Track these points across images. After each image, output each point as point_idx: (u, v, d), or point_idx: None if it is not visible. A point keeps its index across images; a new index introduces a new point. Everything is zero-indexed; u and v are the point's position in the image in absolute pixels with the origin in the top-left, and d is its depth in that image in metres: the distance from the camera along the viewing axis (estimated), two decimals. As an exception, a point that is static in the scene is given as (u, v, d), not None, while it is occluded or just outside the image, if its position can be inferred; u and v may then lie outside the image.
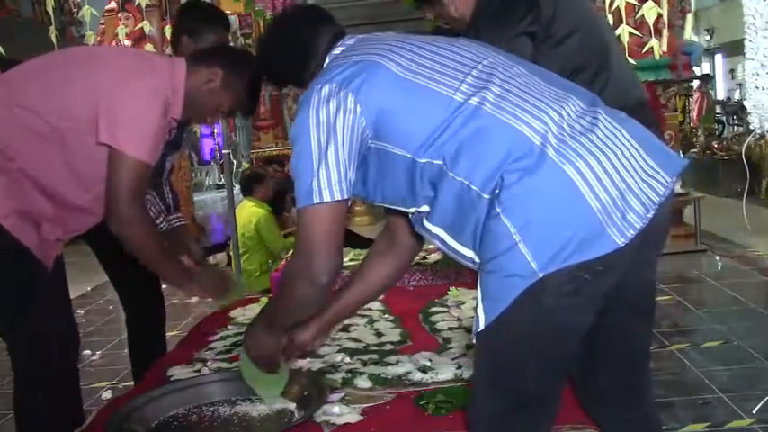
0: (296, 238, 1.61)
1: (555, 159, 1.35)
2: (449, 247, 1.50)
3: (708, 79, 12.59)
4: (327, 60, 1.66)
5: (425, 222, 1.52)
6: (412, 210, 1.54)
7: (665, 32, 5.55)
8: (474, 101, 1.43)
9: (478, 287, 1.40)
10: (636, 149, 1.42)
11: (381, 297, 2.90)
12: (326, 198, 1.49)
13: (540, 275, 1.32)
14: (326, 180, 1.49)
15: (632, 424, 1.66)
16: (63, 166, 2.12)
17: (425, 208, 1.50)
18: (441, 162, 1.43)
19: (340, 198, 1.50)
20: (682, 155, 5.94)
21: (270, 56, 1.78)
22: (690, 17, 6.24)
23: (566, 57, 2.21)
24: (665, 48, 5.61)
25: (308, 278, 1.56)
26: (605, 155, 1.38)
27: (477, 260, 1.45)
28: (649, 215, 1.36)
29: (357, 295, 1.87)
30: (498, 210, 1.35)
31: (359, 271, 1.87)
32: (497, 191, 1.36)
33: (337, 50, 1.66)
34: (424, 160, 1.45)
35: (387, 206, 1.61)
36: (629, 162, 1.40)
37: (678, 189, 5.57)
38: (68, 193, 2.13)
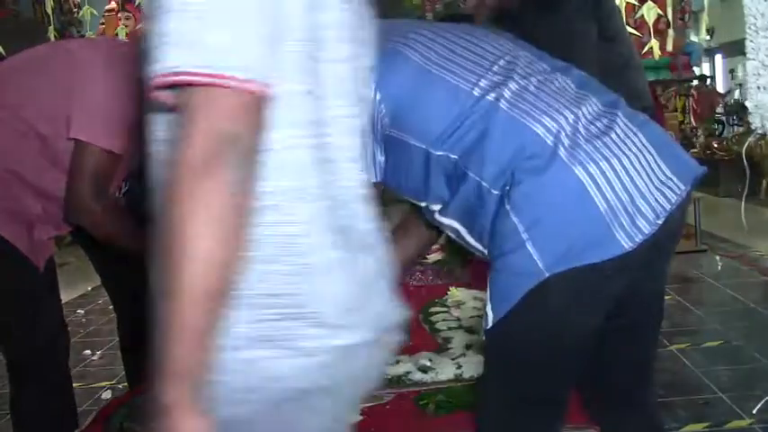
0: None
1: (565, 160, 1.35)
2: (464, 239, 1.50)
3: (705, 80, 12.54)
4: None
5: (438, 216, 1.52)
6: (423, 204, 1.55)
7: (670, 32, 5.54)
8: (491, 96, 1.42)
9: (488, 285, 1.41)
10: (651, 154, 1.41)
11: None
12: None
13: (547, 275, 1.32)
14: None
15: (635, 426, 1.65)
16: (48, 163, 2.10)
17: (436, 206, 1.50)
18: (456, 157, 1.42)
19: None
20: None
21: None
22: (704, 17, 6.20)
23: (618, 51, 2.27)
24: (669, 48, 5.60)
25: None
26: (618, 158, 1.37)
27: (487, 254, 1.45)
28: (659, 221, 1.35)
29: None
30: (508, 207, 1.35)
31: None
32: (508, 188, 1.36)
33: None
34: (439, 153, 1.44)
35: (401, 196, 1.60)
36: (643, 167, 1.39)
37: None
38: (58, 191, 2.12)
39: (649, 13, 5.16)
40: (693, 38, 9.51)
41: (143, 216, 3.00)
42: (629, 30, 4.85)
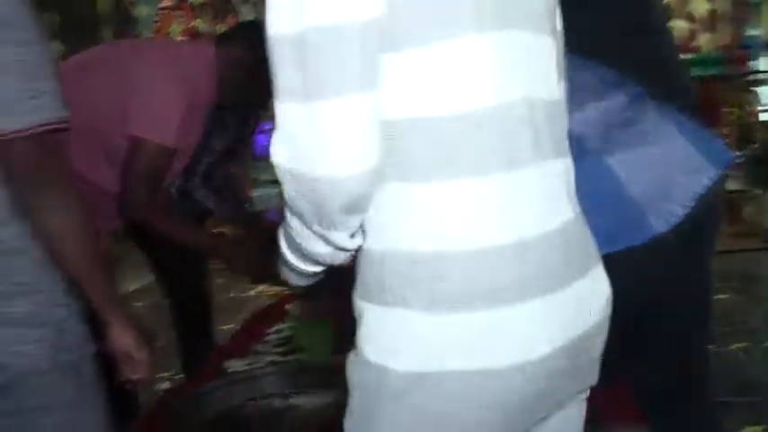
0: None
1: (595, 150, 1.37)
2: None
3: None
4: None
5: None
6: None
7: (725, 25, 5.42)
8: None
9: None
10: (680, 141, 1.42)
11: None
12: None
13: None
14: None
15: (689, 425, 1.63)
16: (103, 158, 2.15)
17: None
18: None
19: None
20: (738, 150, 5.83)
21: None
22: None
23: (657, 46, 2.25)
24: (725, 41, 5.47)
25: None
26: (650, 145, 1.39)
27: None
28: (691, 205, 1.37)
29: None
30: None
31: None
32: None
33: None
34: None
35: None
36: (674, 153, 1.40)
37: (736, 185, 5.45)
38: (112, 186, 2.16)
39: (699, 6, 5.07)
40: (754, 31, 9.28)
41: (194, 211, 3.06)
42: (681, 23, 4.77)
